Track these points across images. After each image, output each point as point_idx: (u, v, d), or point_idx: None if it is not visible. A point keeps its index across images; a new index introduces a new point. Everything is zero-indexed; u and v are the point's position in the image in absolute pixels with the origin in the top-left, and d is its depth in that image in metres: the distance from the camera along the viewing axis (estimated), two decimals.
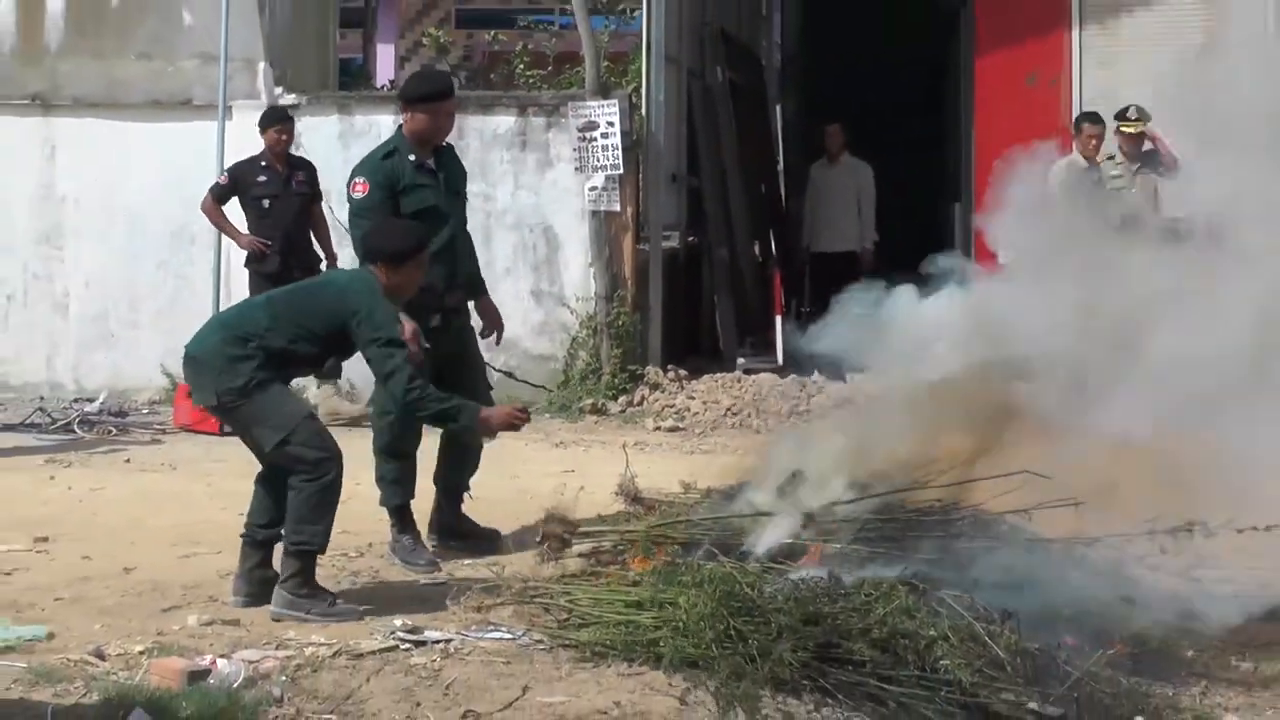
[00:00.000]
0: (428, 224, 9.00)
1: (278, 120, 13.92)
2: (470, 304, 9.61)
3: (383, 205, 9.08)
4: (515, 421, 8.14)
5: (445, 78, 10.49)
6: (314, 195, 13.97)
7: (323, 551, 8.12)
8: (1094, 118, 14.82)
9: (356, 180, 9.21)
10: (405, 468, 9.18)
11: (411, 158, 9.21)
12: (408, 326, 8.38)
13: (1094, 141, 14.61)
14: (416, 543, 9.10)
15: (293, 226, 13.76)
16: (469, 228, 9.71)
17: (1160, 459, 7.77)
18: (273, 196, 13.65)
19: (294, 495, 8.02)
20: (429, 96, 9.32)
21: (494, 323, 9.66)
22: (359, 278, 8.25)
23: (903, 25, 21.21)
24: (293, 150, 14.53)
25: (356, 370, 10.55)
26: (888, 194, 17.66)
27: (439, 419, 8.22)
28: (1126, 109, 14.72)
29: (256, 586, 8.20)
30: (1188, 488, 7.68)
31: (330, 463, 8.01)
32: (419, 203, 9.14)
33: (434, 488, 9.47)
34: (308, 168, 14.03)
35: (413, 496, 9.21)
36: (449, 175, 9.42)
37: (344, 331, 8.04)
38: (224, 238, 14.56)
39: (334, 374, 13.40)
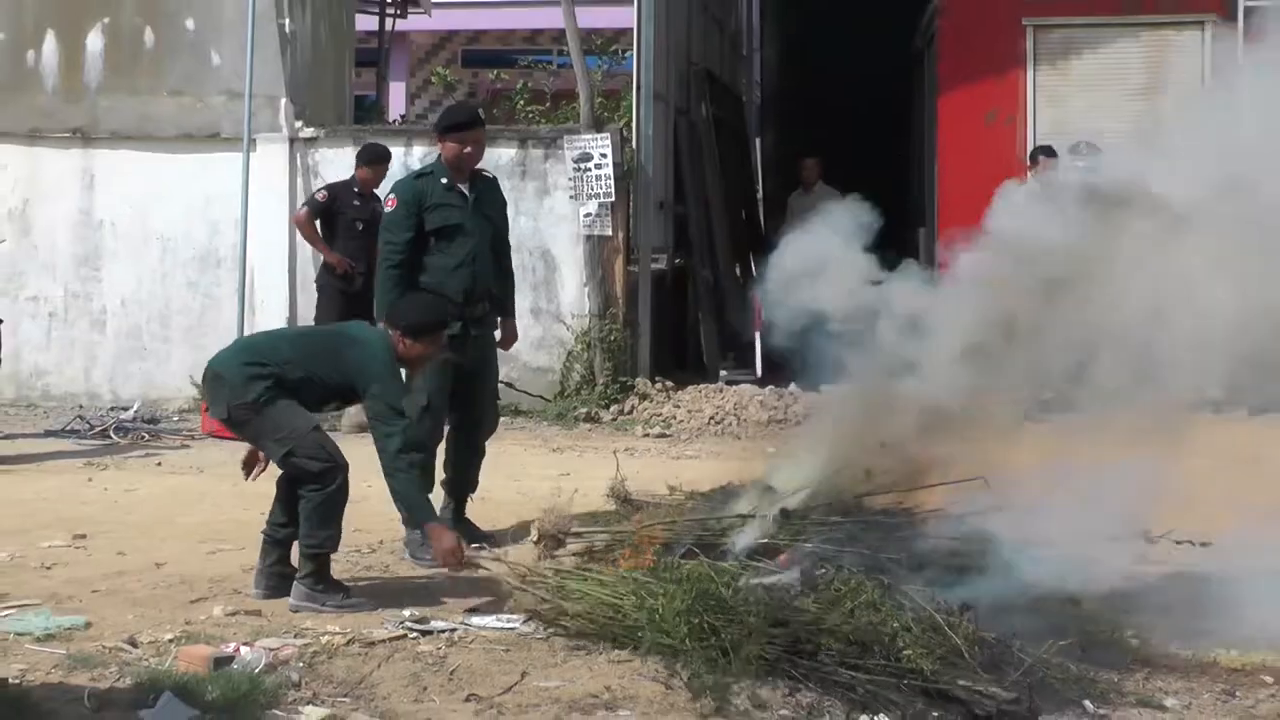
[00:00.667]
0: (448, 239, 9.23)
1: (377, 160, 13.97)
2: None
3: (405, 220, 9.26)
4: (452, 560, 7.99)
5: (473, 110, 10.65)
6: None
7: (334, 551, 8.14)
8: (1049, 150, 14.85)
9: (389, 196, 9.42)
10: (424, 464, 9.09)
11: (444, 180, 9.35)
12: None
13: (1049, 173, 14.62)
14: (426, 539, 9.06)
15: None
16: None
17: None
18: (366, 220, 13.58)
19: (304, 504, 8.03)
20: (457, 126, 9.50)
21: (508, 339, 9.90)
22: (380, 346, 8.18)
23: (872, 65, 21.23)
24: (312, 178, 14.56)
25: None
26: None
27: (404, 500, 8.04)
28: (1078, 144, 14.73)
29: (275, 581, 8.20)
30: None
31: (334, 473, 7.99)
32: (442, 219, 9.28)
33: (442, 491, 9.44)
34: None
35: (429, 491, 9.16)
36: (481, 200, 9.52)
37: (354, 389, 8.13)
38: (249, 259, 14.59)
39: None
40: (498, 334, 9.79)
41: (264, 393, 7.97)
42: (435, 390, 9.18)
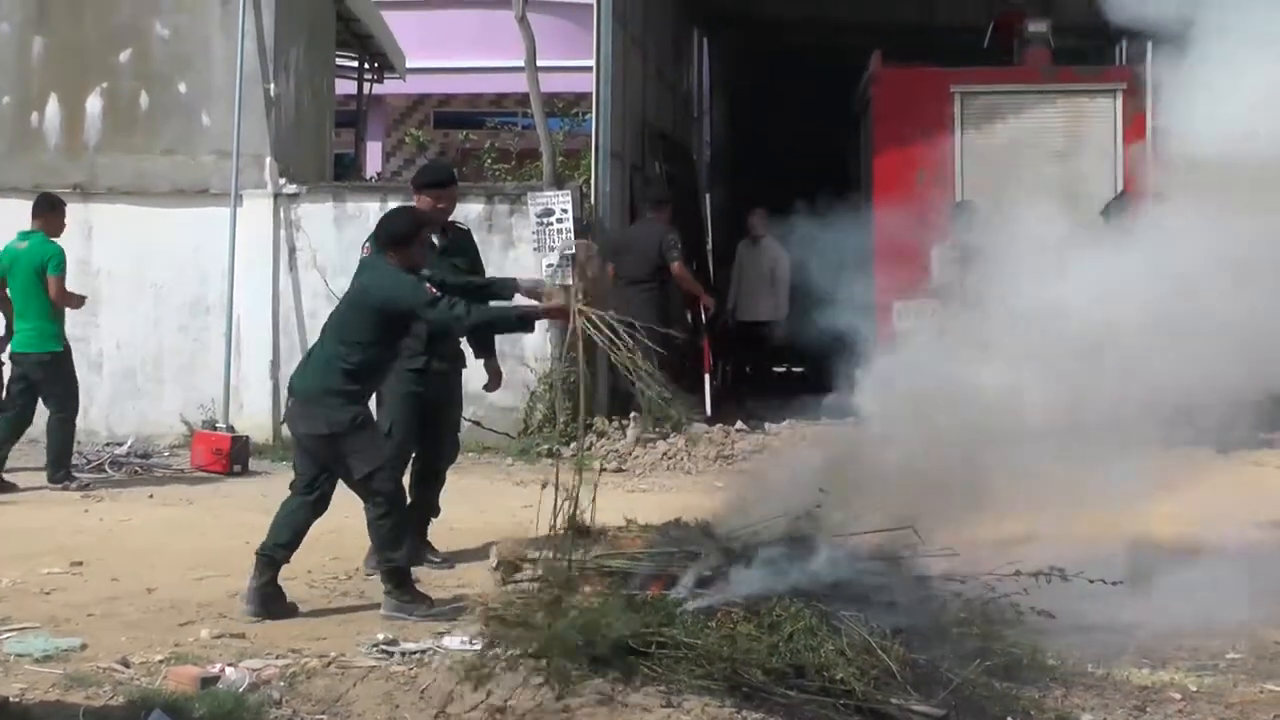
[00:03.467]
0: None
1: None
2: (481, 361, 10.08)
3: None
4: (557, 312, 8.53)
5: (448, 169, 10.82)
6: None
7: (411, 564, 8.53)
8: (967, 205, 14.98)
9: (365, 244, 9.23)
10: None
11: None
12: None
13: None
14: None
15: None
16: None
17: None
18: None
19: (378, 525, 8.29)
20: (434, 184, 9.78)
21: (494, 380, 10.22)
22: (373, 269, 8.52)
23: (814, 126, 21.33)
24: (295, 231, 14.60)
25: None
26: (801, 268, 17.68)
27: (492, 320, 8.68)
28: (961, 202, 14.86)
29: (267, 599, 8.26)
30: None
31: (404, 495, 8.56)
32: None
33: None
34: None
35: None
36: (451, 250, 9.68)
37: (391, 318, 8.33)
38: (236, 306, 14.58)
39: None
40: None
41: (359, 410, 8.30)
42: (401, 421, 9.22)
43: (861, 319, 13.48)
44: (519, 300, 9.15)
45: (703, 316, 16.80)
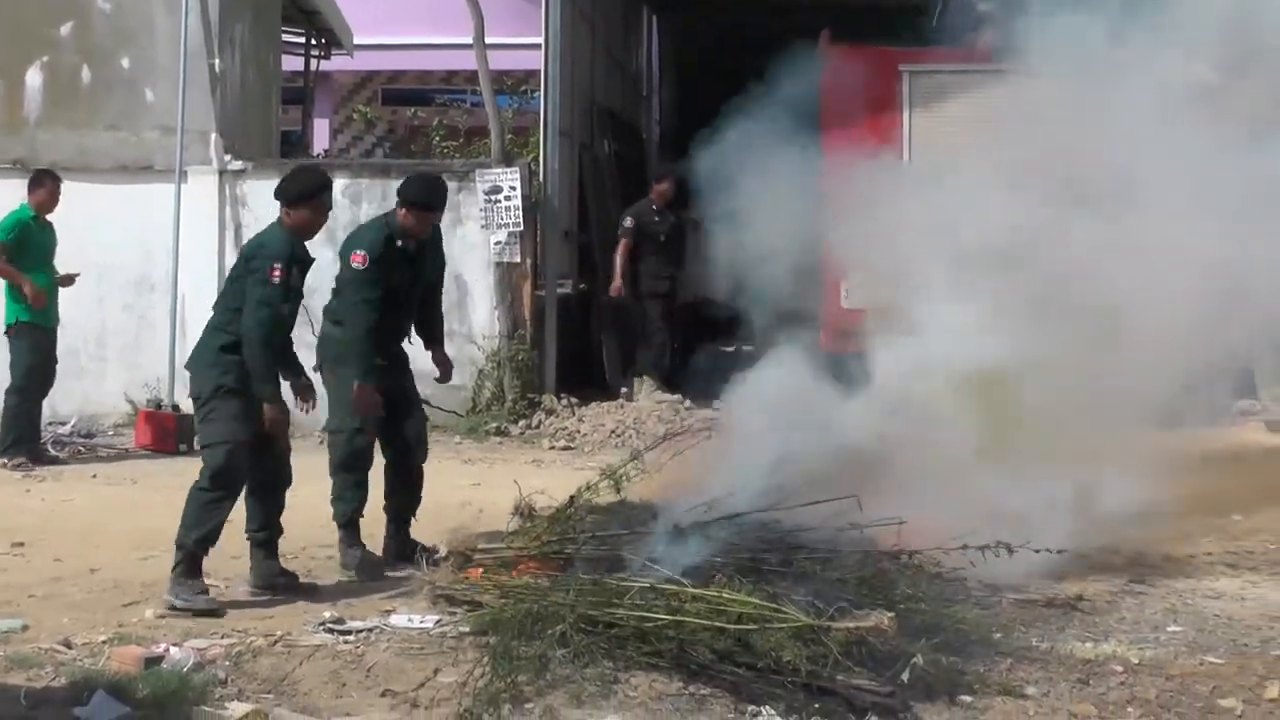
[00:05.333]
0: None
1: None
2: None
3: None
4: (276, 421, 8.17)
5: (443, 191, 9.51)
6: None
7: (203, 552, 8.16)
8: None
9: (357, 252, 8.96)
10: (358, 482, 8.96)
11: (399, 244, 9.07)
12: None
13: None
14: (365, 552, 8.97)
15: None
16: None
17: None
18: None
19: (189, 494, 8.20)
20: (423, 205, 9.08)
21: (444, 370, 9.58)
22: (264, 233, 8.47)
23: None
24: (240, 209, 14.55)
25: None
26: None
27: (263, 365, 8.13)
28: None
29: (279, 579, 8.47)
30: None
31: (230, 487, 8.16)
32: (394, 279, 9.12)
33: (384, 515, 9.23)
34: None
35: (361, 514, 8.98)
36: (425, 250, 9.26)
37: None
38: (181, 284, 14.53)
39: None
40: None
41: (225, 383, 8.17)
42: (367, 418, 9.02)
43: (811, 296, 13.58)
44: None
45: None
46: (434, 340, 9.51)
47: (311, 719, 6.31)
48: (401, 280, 9.03)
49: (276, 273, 8.07)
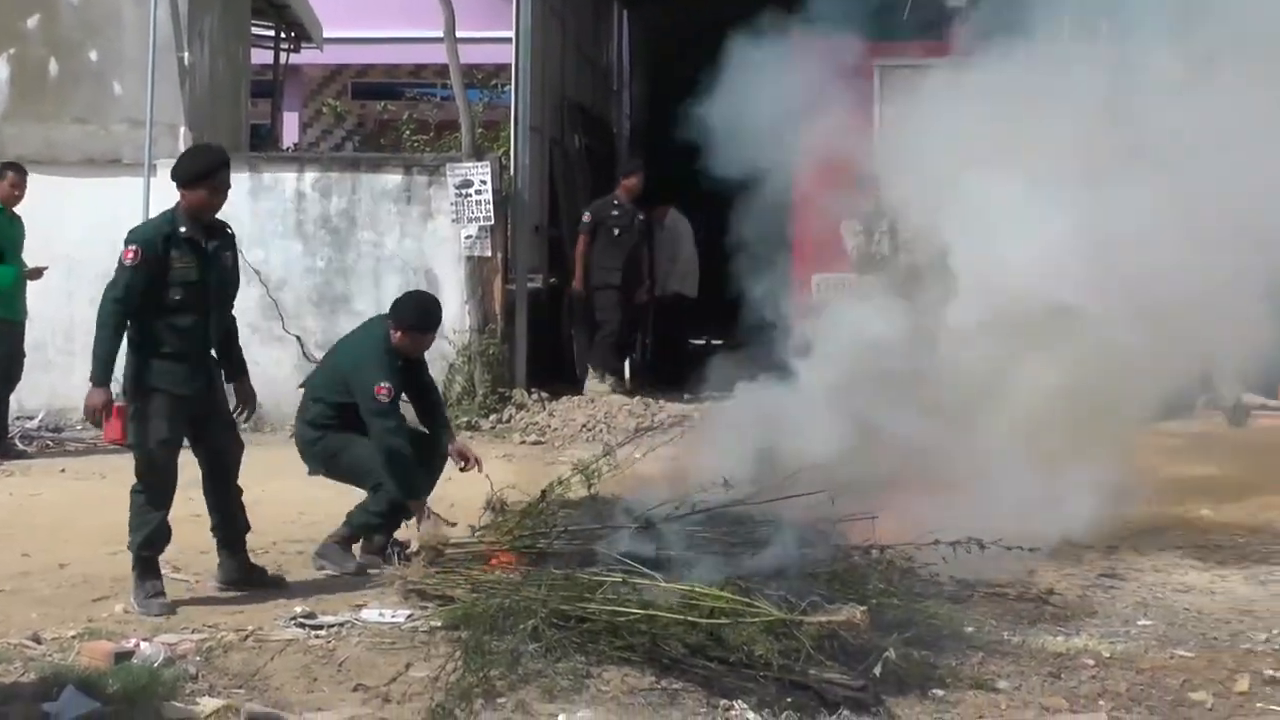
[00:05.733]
0: None
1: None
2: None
3: None
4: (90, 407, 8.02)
5: (437, 313, 9.29)
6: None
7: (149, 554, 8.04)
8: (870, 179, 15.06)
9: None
10: (394, 516, 8.85)
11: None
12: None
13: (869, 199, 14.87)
14: (347, 552, 8.88)
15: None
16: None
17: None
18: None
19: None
20: (415, 327, 8.98)
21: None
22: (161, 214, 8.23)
23: None
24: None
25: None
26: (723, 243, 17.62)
27: (95, 344, 7.94)
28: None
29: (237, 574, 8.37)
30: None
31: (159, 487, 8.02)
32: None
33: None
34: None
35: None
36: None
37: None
38: None
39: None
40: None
41: (143, 383, 8.03)
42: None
43: (782, 292, 13.56)
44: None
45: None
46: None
47: (283, 714, 6.28)
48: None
49: (128, 254, 7.85)
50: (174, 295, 7.92)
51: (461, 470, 9.07)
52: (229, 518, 8.36)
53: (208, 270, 8.04)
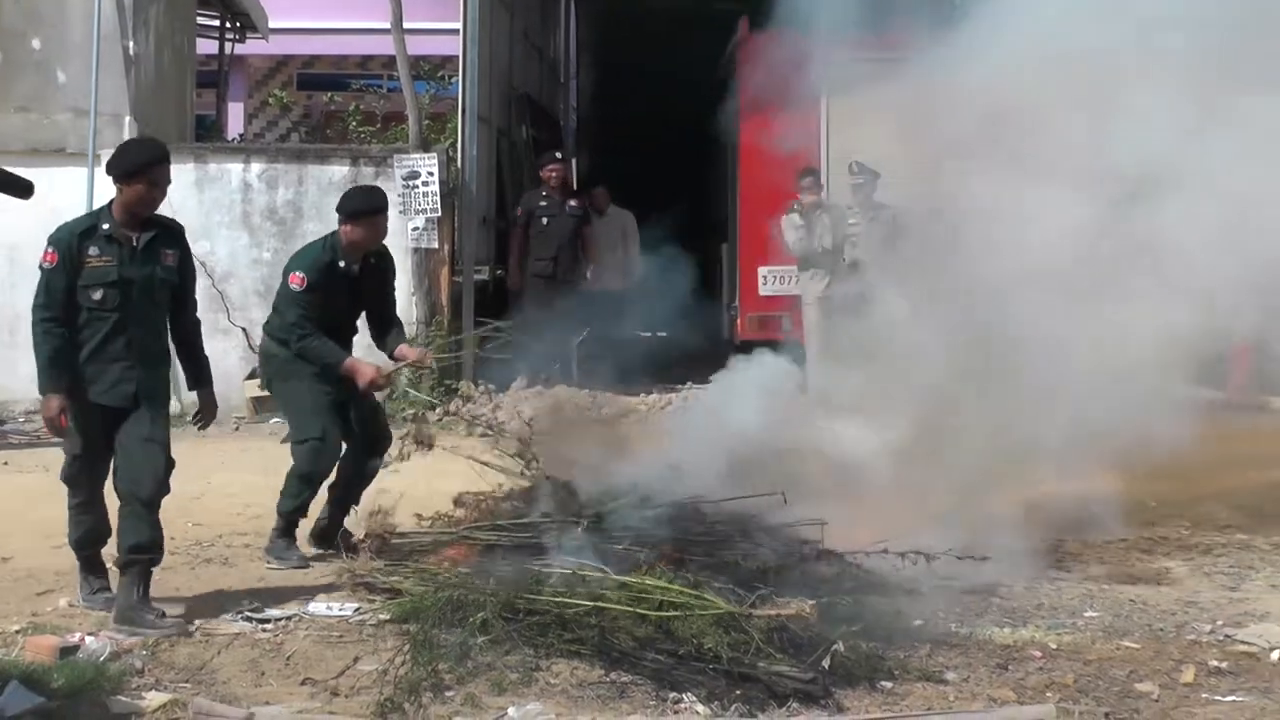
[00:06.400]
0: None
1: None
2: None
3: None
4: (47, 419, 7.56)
5: (378, 195, 9.14)
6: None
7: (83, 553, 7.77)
8: (811, 173, 15.13)
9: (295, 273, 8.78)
10: (312, 491, 8.79)
11: (341, 264, 8.86)
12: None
13: (810, 193, 14.90)
14: (291, 545, 8.80)
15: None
16: None
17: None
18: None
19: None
20: (355, 213, 8.83)
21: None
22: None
23: (681, 89, 21.30)
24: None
25: None
26: (665, 234, 17.61)
27: (36, 353, 7.55)
28: (851, 165, 14.94)
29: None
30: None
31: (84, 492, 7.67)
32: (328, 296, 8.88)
33: (325, 500, 9.02)
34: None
35: (305, 515, 8.84)
36: (366, 274, 8.96)
37: None
38: None
39: None
40: None
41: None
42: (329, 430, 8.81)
43: (727, 284, 13.56)
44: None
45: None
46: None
47: (231, 708, 6.23)
48: (340, 302, 8.85)
49: (46, 256, 7.61)
50: (93, 295, 7.51)
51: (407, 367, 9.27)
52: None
53: (134, 269, 7.54)
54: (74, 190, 14.69)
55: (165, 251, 7.68)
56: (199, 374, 7.92)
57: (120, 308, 7.52)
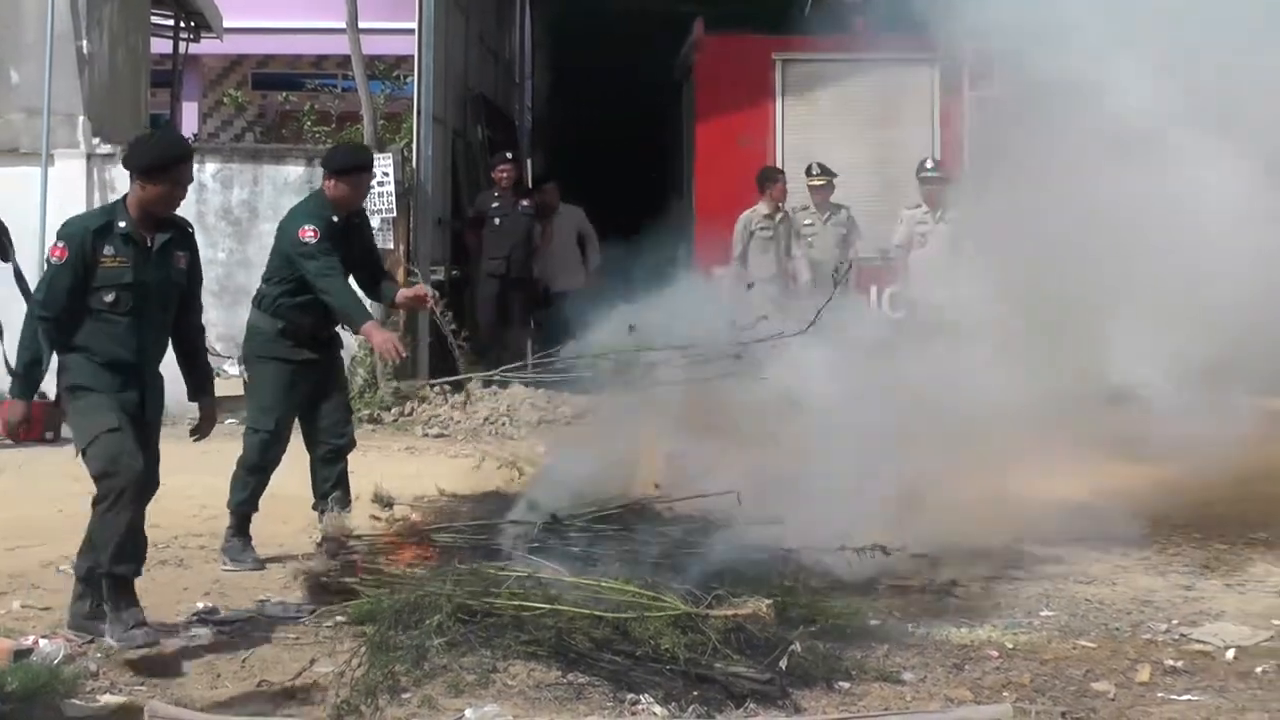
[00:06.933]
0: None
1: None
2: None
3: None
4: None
5: (365, 152, 9.30)
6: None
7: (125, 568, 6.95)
8: (774, 172, 15.16)
9: (306, 227, 8.60)
10: (260, 482, 8.74)
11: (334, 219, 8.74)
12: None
13: (774, 194, 14.92)
14: (246, 546, 8.73)
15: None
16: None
17: None
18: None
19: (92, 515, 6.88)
20: (344, 169, 8.74)
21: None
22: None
23: (638, 90, 21.32)
24: (109, 193, 14.30)
25: None
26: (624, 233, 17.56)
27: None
28: (810, 166, 14.98)
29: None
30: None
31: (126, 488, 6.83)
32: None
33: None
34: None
35: (256, 509, 8.77)
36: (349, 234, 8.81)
37: None
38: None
39: None
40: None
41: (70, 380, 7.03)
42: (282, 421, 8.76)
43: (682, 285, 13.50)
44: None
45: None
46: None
47: (187, 711, 6.18)
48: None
49: (55, 251, 7.04)
50: (104, 298, 7.02)
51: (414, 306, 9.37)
52: None
53: (149, 271, 7.08)
54: (27, 189, 14.60)
55: (178, 254, 7.24)
56: (201, 383, 7.48)
57: (131, 312, 7.06)
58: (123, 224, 7.04)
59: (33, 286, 7.28)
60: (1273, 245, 8.20)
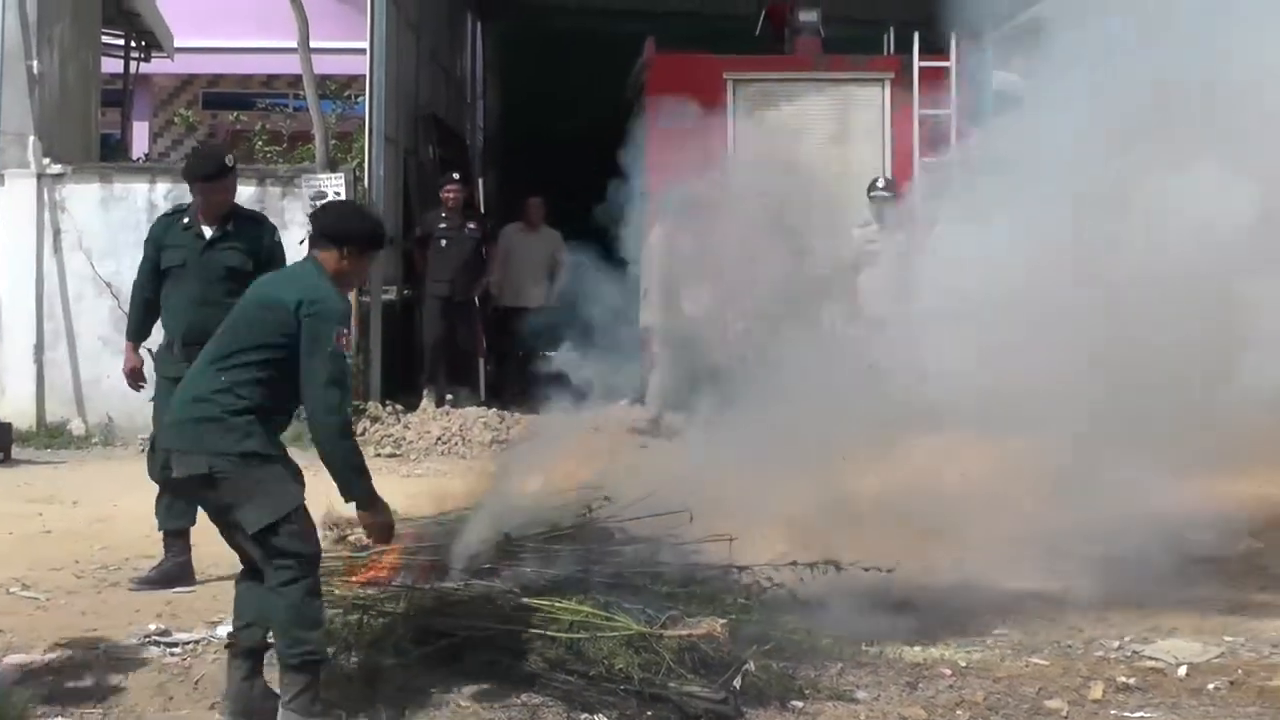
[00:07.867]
0: (175, 278, 8.72)
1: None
2: None
3: (148, 258, 8.85)
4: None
5: (217, 157, 9.22)
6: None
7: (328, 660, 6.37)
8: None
9: None
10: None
11: (185, 220, 8.84)
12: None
13: None
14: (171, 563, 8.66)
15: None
16: None
17: None
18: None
19: (278, 594, 6.14)
20: (201, 177, 8.77)
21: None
22: (302, 275, 6.56)
23: (590, 109, 21.32)
24: (60, 213, 14.25)
25: None
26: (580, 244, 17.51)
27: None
28: (875, 180, 14.84)
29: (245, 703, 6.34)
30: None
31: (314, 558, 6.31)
32: (169, 260, 8.80)
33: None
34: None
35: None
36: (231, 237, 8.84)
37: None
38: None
39: None
40: None
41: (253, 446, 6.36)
42: None
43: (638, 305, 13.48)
44: None
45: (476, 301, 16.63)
46: None
47: None
48: (175, 260, 8.85)
49: (344, 339, 6.34)
50: None
51: None
52: None
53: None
54: None
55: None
56: None
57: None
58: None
59: None
60: None
